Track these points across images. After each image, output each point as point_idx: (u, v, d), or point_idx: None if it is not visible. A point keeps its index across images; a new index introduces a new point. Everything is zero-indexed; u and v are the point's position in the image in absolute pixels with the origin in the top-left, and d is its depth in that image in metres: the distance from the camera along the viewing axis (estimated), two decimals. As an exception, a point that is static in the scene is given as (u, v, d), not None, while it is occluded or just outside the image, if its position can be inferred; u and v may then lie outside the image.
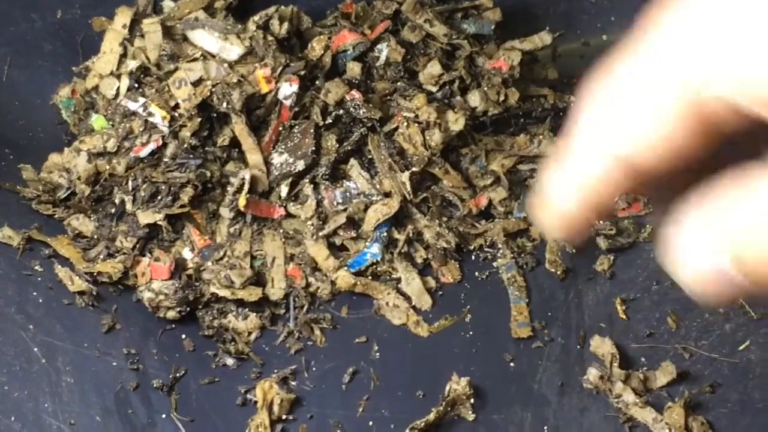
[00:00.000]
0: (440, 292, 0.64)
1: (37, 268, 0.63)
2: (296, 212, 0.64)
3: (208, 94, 0.62)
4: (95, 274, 0.62)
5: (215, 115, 0.63)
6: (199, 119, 0.62)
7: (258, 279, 0.63)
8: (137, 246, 0.63)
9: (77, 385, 0.59)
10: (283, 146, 0.64)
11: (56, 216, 0.65)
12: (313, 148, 0.63)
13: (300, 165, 0.63)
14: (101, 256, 0.63)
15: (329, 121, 0.64)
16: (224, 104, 0.62)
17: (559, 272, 0.64)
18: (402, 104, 0.66)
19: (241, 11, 0.67)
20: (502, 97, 0.66)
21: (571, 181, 0.36)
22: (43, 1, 0.70)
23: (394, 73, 0.67)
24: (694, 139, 0.33)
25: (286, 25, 0.65)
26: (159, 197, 0.63)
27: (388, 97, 0.67)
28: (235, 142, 0.64)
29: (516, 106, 0.67)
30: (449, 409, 0.58)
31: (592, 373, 0.59)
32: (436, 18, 0.68)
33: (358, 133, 0.64)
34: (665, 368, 0.59)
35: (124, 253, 0.63)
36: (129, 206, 0.63)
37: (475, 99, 0.67)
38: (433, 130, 0.64)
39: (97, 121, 0.64)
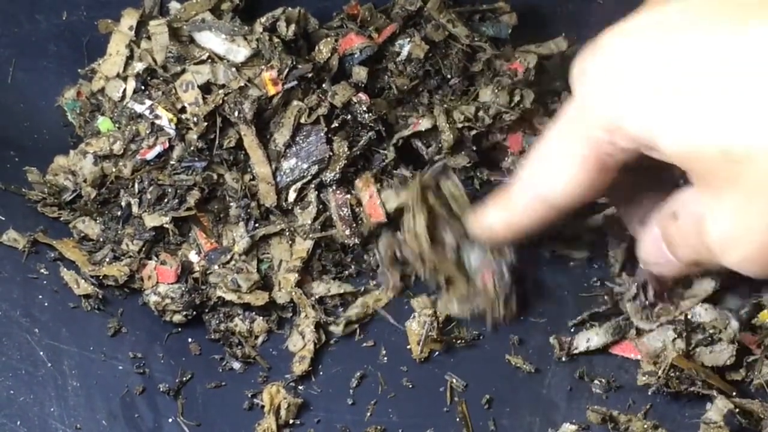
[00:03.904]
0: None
1: (42, 271, 0.63)
2: (298, 215, 0.64)
3: (221, 102, 0.62)
4: (101, 277, 0.62)
5: (221, 117, 0.63)
6: (206, 123, 0.62)
7: (265, 283, 0.63)
8: (143, 249, 0.63)
9: (83, 389, 0.59)
10: (290, 151, 0.64)
11: (62, 219, 0.65)
12: (331, 154, 0.63)
13: (314, 170, 0.63)
14: (107, 259, 0.63)
15: (336, 124, 0.64)
16: (235, 113, 0.62)
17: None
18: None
19: (247, 13, 0.67)
20: (517, 98, 0.66)
21: (504, 218, 0.54)
22: (48, 2, 0.69)
23: (415, 69, 0.67)
24: (596, 178, 0.48)
25: (292, 26, 0.65)
26: (165, 200, 0.63)
27: (406, 95, 0.67)
28: (241, 144, 0.64)
29: (531, 108, 0.67)
30: None
31: (591, 416, 0.58)
32: (458, 19, 0.68)
33: (366, 138, 0.64)
34: None
35: (130, 257, 0.62)
36: (135, 209, 0.63)
37: (486, 94, 0.67)
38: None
39: (103, 123, 0.64)
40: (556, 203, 0.50)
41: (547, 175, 0.50)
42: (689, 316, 0.58)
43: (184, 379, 0.60)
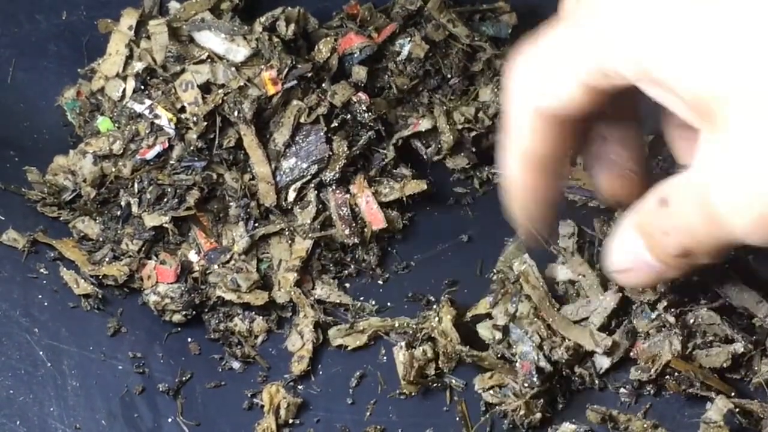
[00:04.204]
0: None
1: (42, 270, 0.63)
2: (298, 215, 0.64)
3: (220, 102, 0.62)
4: (101, 277, 0.62)
5: (221, 117, 0.63)
6: (205, 123, 0.62)
7: (264, 282, 0.63)
8: (143, 249, 0.62)
9: (82, 388, 0.59)
10: (290, 150, 0.64)
11: (61, 218, 0.65)
12: (330, 153, 0.63)
13: (313, 169, 0.63)
14: (107, 259, 0.63)
15: (335, 124, 0.64)
16: (235, 113, 0.62)
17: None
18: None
19: (247, 12, 0.67)
20: None
21: (513, 150, 0.48)
22: (48, 2, 0.70)
23: (415, 69, 0.67)
24: (593, 97, 0.44)
25: (292, 26, 0.65)
26: (165, 200, 0.63)
27: (406, 94, 0.67)
28: (240, 143, 0.64)
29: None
30: None
31: (591, 415, 0.58)
32: (458, 19, 0.68)
33: (366, 137, 0.64)
34: None
35: (130, 256, 0.62)
36: (135, 209, 0.63)
37: (486, 94, 0.67)
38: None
39: (102, 123, 0.64)
40: (556, 111, 0.45)
41: (547, 88, 0.45)
42: (690, 320, 0.58)
43: (184, 378, 0.60)
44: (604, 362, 0.59)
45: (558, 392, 0.58)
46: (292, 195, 0.64)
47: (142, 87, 0.64)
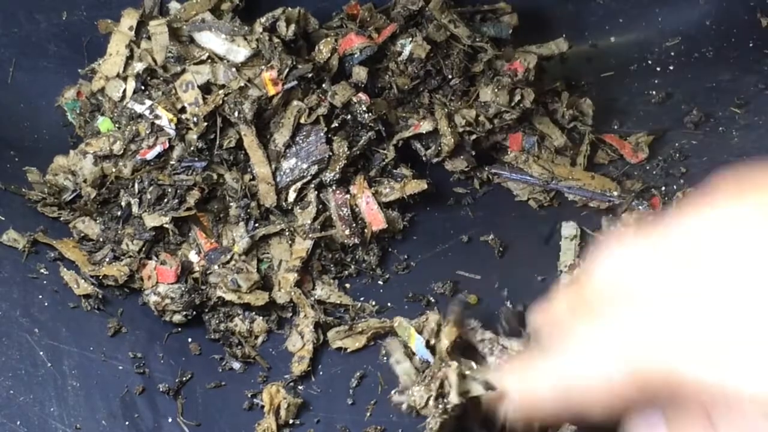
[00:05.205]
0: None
1: (42, 271, 0.62)
2: (298, 215, 0.64)
3: (221, 102, 0.62)
4: (101, 277, 0.62)
5: (221, 117, 0.63)
6: (206, 123, 0.62)
7: (265, 283, 0.63)
8: (143, 249, 0.62)
9: (83, 389, 0.59)
10: (290, 151, 0.64)
11: (62, 219, 0.65)
12: (330, 154, 0.63)
13: (313, 170, 0.63)
14: (107, 259, 0.63)
15: (336, 124, 0.64)
16: (235, 113, 0.62)
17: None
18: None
19: (247, 13, 0.67)
20: (518, 97, 0.66)
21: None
22: (48, 2, 0.69)
23: (416, 69, 0.67)
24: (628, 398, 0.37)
25: (292, 27, 0.65)
26: (165, 200, 0.63)
27: (407, 95, 0.67)
28: (240, 144, 0.64)
29: (532, 108, 0.67)
30: None
31: None
32: (459, 19, 0.68)
33: (366, 138, 0.64)
34: None
35: (130, 256, 0.62)
36: (135, 209, 0.63)
37: (486, 94, 0.67)
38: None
39: (103, 123, 0.64)
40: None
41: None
42: None
43: (184, 379, 0.60)
44: None
45: None
46: (292, 195, 0.64)
47: (143, 87, 0.64)
